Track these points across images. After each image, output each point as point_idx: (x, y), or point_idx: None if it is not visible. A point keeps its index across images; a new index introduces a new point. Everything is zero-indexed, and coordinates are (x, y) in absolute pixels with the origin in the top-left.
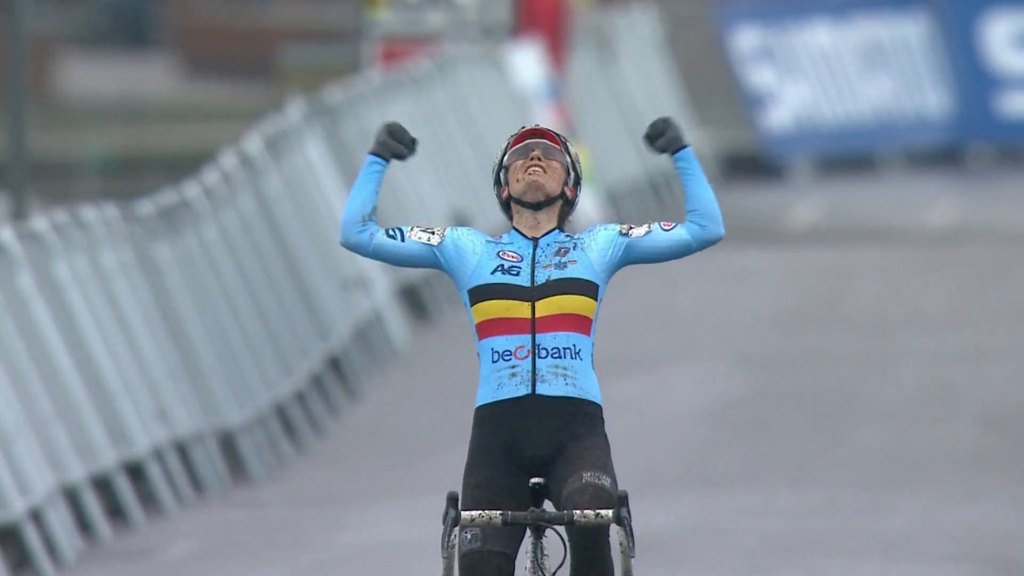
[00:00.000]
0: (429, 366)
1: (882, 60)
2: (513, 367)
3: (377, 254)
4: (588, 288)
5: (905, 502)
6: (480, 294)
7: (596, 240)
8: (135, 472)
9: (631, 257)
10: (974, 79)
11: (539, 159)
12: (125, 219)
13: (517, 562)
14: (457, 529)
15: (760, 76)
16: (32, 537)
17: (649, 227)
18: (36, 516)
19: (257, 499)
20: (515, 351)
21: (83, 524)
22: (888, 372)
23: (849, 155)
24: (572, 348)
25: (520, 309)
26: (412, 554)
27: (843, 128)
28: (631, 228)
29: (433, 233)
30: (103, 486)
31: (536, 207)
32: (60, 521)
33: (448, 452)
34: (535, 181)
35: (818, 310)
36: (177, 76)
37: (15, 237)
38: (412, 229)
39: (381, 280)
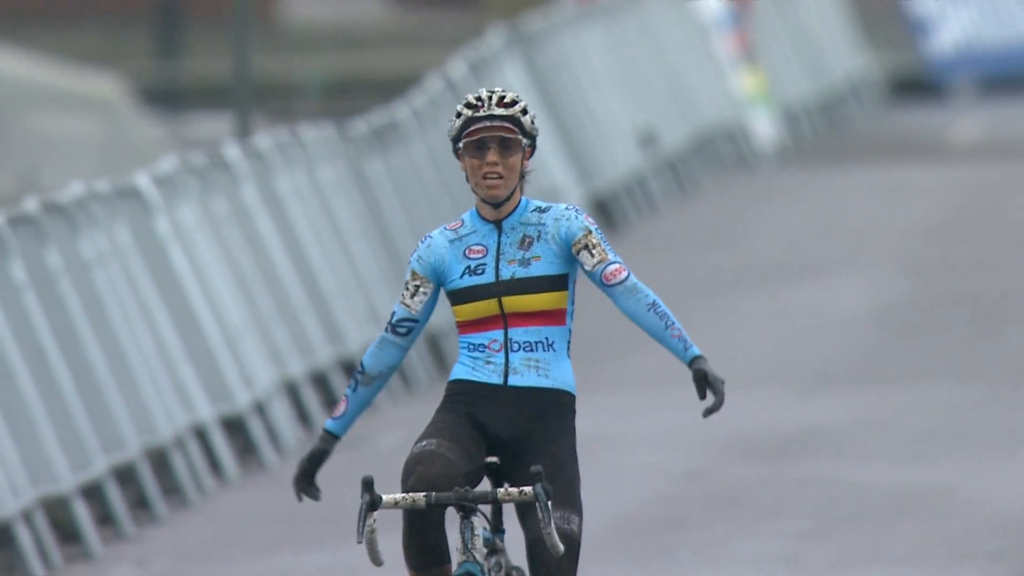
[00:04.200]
0: None
1: None
2: (488, 359)
3: (418, 332)
4: (555, 283)
5: None
6: (455, 297)
7: (559, 234)
8: (350, 368)
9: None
10: None
11: (495, 164)
12: (341, 138)
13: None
14: (375, 514)
15: (924, 3)
16: (256, 427)
17: (596, 264)
18: (260, 408)
19: None
20: (489, 344)
21: (302, 416)
22: None
23: (1008, 77)
24: (545, 341)
25: (490, 307)
26: (610, 444)
27: (1002, 52)
28: (584, 248)
29: (417, 287)
30: (320, 381)
31: (497, 205)
32: (282, 413)
33: (632, 354)
34: (493, 195)
35: (977, 220)
36: (389, 6)
37: (241, 154)
38: (404, 300)
39: (574, 191)
